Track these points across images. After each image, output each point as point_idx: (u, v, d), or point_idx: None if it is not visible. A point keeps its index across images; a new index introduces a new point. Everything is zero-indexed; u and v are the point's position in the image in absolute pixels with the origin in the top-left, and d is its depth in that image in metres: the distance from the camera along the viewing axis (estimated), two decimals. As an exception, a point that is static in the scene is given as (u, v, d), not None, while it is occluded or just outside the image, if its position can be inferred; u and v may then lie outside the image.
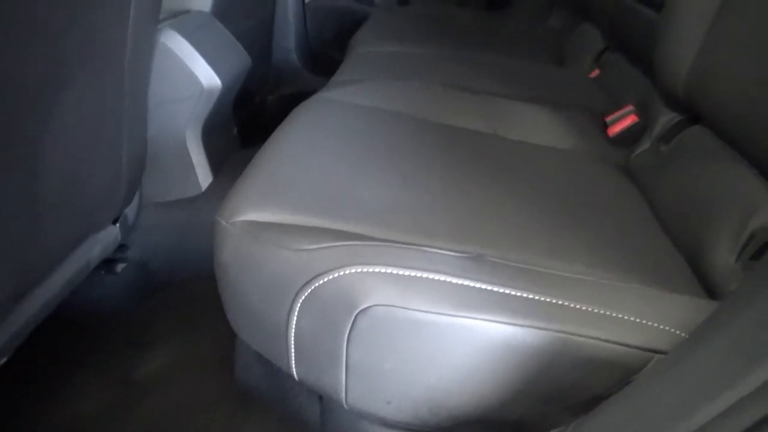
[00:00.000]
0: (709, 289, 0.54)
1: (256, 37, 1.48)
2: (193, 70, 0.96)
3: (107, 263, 0.93)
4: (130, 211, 0.90)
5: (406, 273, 0.44)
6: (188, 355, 0.87)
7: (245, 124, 1.47)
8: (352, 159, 0.63)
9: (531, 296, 0.43)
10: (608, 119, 0.87)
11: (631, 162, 0.80)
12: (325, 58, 1.83)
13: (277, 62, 1.77)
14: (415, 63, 1.05)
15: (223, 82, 1.01)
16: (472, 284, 0.43)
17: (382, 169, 0.62)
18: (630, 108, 0.87)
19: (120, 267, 0.96)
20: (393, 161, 0.65)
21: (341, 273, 0.44)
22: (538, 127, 0.84)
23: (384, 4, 1.79)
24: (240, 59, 1.12)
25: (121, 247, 0.95)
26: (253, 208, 0.52)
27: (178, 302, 0.98)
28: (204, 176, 1.06)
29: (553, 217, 0.59)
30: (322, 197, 0.54)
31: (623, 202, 0.69)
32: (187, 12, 1.07)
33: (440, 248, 0.48)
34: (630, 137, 0.84)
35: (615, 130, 0.85)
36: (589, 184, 0.72)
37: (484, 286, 0.43)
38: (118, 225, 0.84)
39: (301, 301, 0.45)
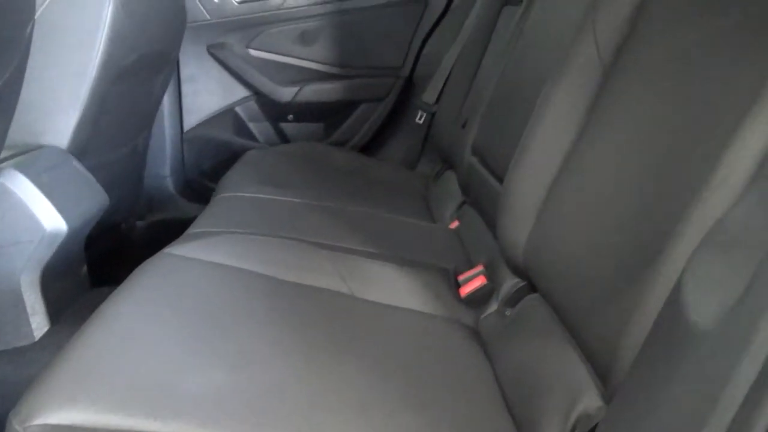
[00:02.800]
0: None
1: (125, 166, 1.44)
2: (35, 212, 0.90)
3: None
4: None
5: None
6: None
7: (105, 255, 1.39)
8: (187, 334, 0.60)
9: None
10: (461, 278, 0.91)
11: (480, 324, 0.83)
12: (201, 186, 1.81)
13: (149, 188, 1.72)
14: (280, 213, 1.06)
15: (70, 225, 0.95)
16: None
17: (220, 345, 0.59)
18: (480, 269, 0.91)
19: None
20: (235, 333, 0.62)
21: None
22: (394, 288, 0.86)
23: (266, 141, 1.83)
24: (96, 198, 1.07)
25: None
26: (55, 408, 0.46)
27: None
28: (39, 324, 0.97)
29: (397, 399, 0.58)
30: (140, 392, 0.49)
31: (469, 374, 0.70)
32: (39, 147, 1.03)
33: None
34: (480, 298, 0.87)
35: (466, 290, 0.88)
36: (437, 353, 0.73)
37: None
38: None
39: None
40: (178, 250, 0.80)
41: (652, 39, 0.69)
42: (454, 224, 1.22)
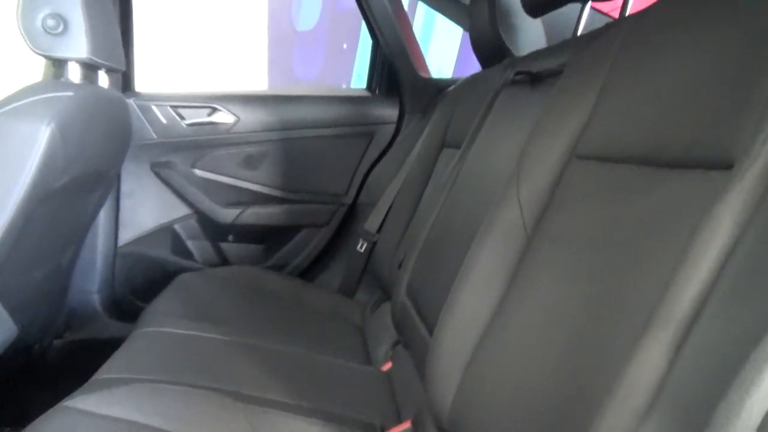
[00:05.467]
0: None
1: (45, 285, 1.36)
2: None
3: None
4: None
5: None
6: None
7: (13, 379, 1.28)
8: None
9: None
10: (386, 436, 0.87)
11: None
12: (130, 304, 1.73)
13: (73, 303, 1.63)
14: (200, 354, 1.01)
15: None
16: None
17: None
18: (408, 426, 0.87)
19: None
20: None
21: None
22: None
23: (203, 260, 1.78)
24: (2, 331, 0.99)
25: None
26: None
27: None
28: None
29: None
30: None
31: None
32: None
33: None
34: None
35: (391, 450, 0.83)
36: None
37: None
38: None
39: None
40: (78, 402, 0.73)
41: (572, 208, 0.72)
42: (388, 365, 1.18)
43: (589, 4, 1.08)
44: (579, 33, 1.09)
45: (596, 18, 1.29)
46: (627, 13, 0.99)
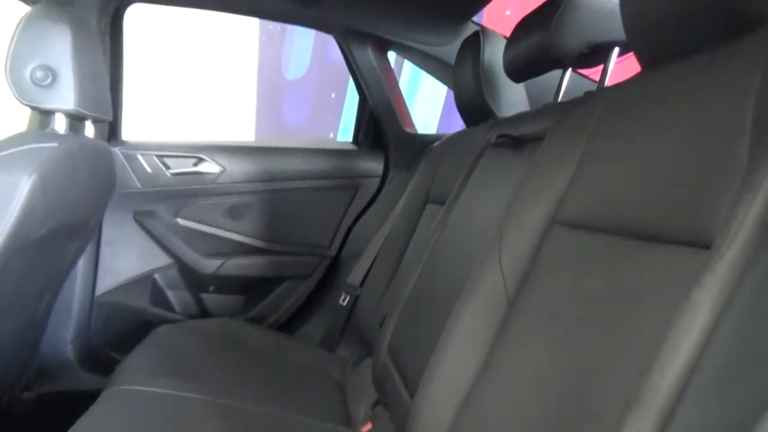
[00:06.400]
0: None
1: (16, 336, 1.32)
2: None
3: None
4: None
5: None
6: None
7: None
8: None
9: None
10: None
11: None
12: (105, 356, 1.68)
13: (45, 353, 1.58)
14: (171, 417, 0.98)
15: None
16: None
17: None
18: (385, 494, 0.85)
19: None
20: None
21: None
22: None
23: (183, 311, 1.75)
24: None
25: None
26: None
27: None
28: None
29: None
30: None
31: None
32: None
33: None
34: None
35: None
36: None
37: None
38: None
39: None
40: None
41: (554, 275, 0.72)
42: (367, 427, 1.15)
43: (570, 70, 1.12)
44: (560, 98, 1.12)
45: (576, 78, 1.33)
46: (606, 82, 1.02)
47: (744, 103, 0.49)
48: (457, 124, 1.59)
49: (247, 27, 6.39)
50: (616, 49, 1.00)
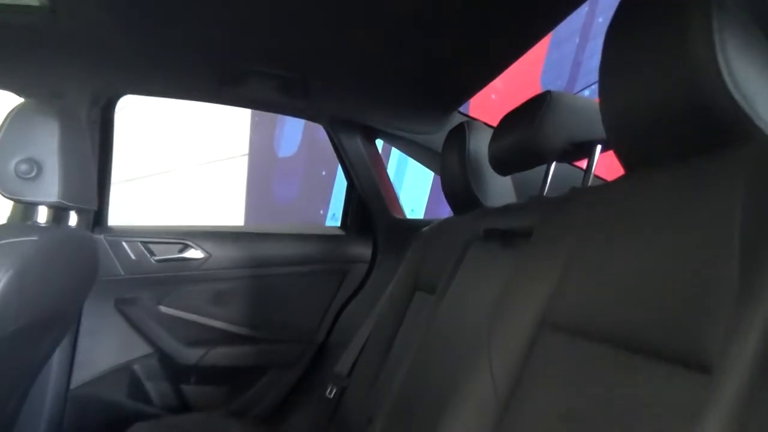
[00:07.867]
0: None
1: None
2: None
3: None
4: None
5: None
6: None
7: None
8: None
9: None
10: None
11: None
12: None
13: None
14: None
15: None
16: None
17: None
18: None
19: None
20: None
21: None
22: None
23: (161, 404, 1.68)
24: None
25: None
26: None
27: None
28: None
29: None
30: None
31: None
32: None
33: None
34: None
35: None
36: None
37: None
38: None
39: None
40: None
41: (547, 384, 0.69)
42: None
43: (554, 163, 1.13)
44: (546, 191, 1.13)
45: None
46: (591, 175, 1.03)
47: (729, 223, 0.48)
48: (445, 208, 1.60)
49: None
50: (599, 146, 1.01)
